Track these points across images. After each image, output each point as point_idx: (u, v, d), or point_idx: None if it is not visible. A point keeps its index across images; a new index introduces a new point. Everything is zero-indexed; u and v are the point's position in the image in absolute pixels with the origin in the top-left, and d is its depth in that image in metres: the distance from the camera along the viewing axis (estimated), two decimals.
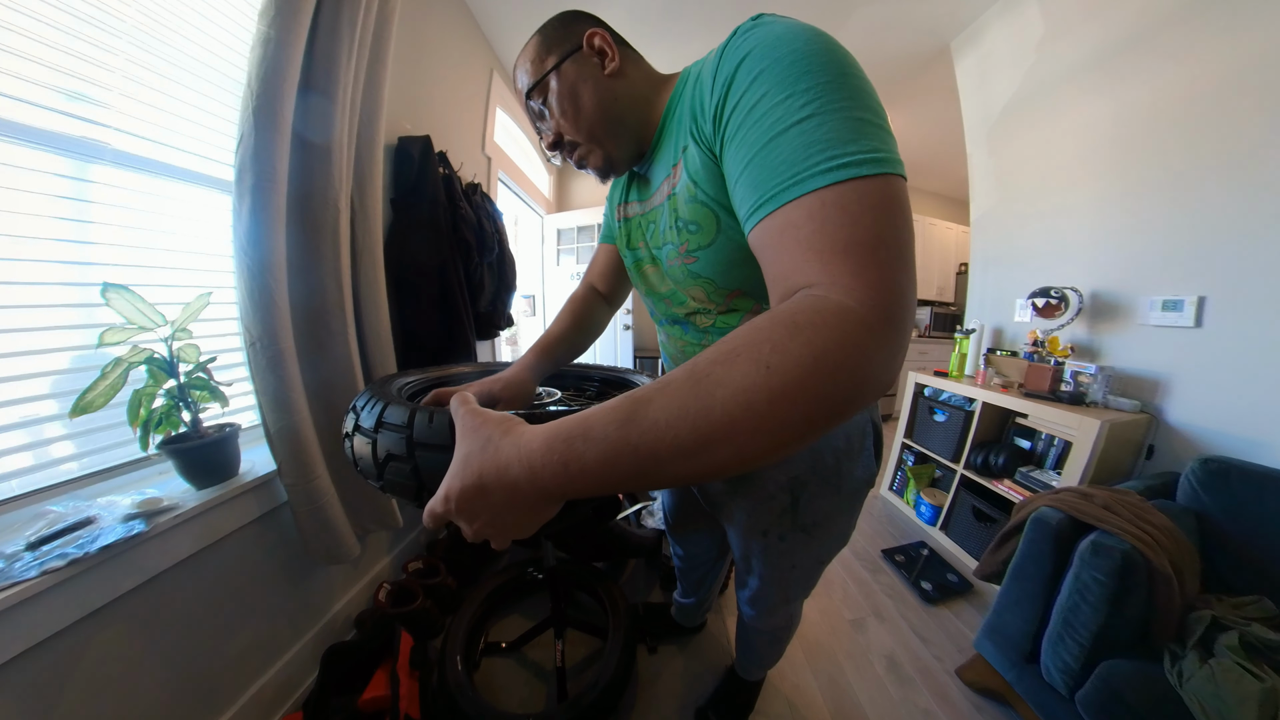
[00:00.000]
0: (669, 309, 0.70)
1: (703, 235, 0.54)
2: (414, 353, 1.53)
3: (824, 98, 0.34)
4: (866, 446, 0.69)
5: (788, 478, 0.69)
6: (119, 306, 0.78)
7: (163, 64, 0.92)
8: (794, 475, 0.68)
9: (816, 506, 0.70)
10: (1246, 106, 1.26)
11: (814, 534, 0.73)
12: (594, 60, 0.59)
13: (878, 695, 1.21)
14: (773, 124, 0.36)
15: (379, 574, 1.50)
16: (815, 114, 0.34)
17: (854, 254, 0.31)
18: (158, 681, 0.83)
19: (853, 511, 0.75)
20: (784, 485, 0.69)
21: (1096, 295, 1.66)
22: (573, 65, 0.59)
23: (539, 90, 0.61)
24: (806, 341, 0.28)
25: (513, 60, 2.95)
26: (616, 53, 0.59)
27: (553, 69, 0.59)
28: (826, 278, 0.31)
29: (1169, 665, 0.88)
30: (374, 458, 0.62)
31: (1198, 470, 1.14)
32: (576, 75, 0.58)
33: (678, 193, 0.55)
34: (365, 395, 0.71)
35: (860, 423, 0.68)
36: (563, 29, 0.61)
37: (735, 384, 0.29)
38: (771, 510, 0.72)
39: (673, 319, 0.70)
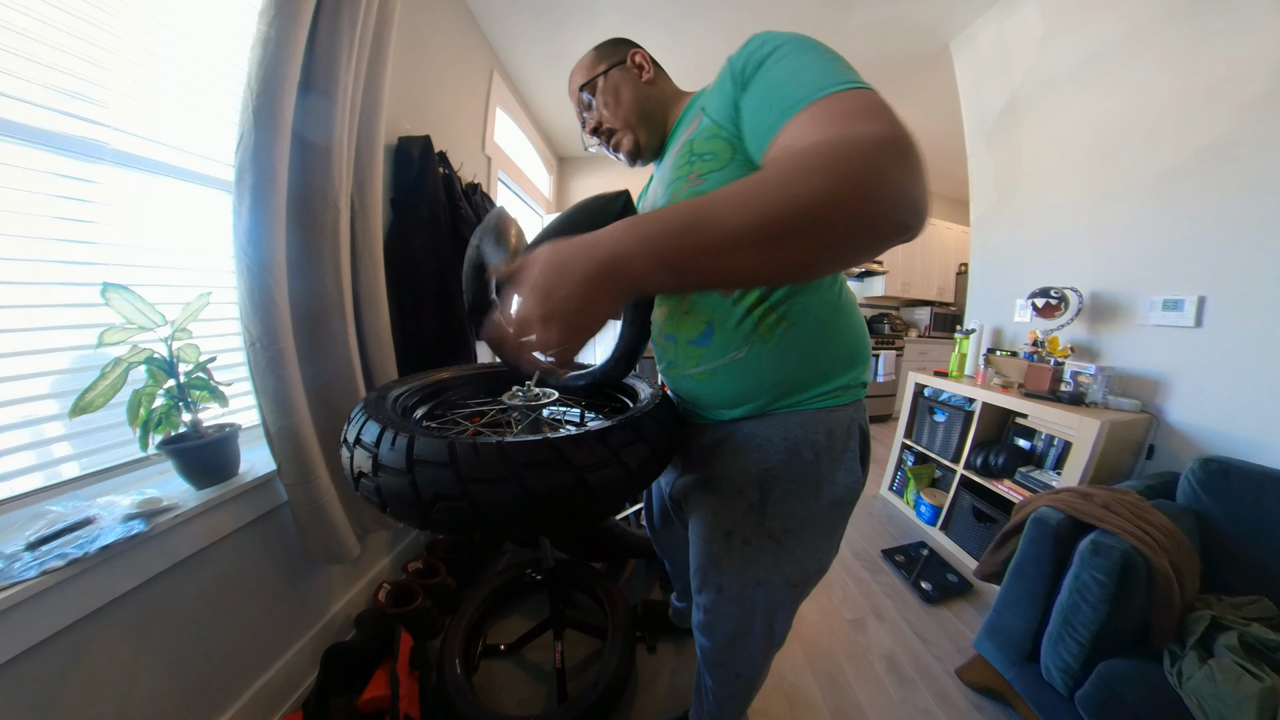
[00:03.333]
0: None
1: (716, 161, 0.58)
2: (413, 353, 1.53)
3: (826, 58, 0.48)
4: (851, 448, 0.66)
5: (759, 470, 0.66)
6: (119, 306, 0.78)
7: (163, 64, 0.92)
8: (766, 468, 0.65)
9: (788, 508, 0.66)
10: (1246, 106, 1.26)
11: (784, 543, 0.67)
12: (634, 70, 0.78)
13: (878, 695, 1.21)
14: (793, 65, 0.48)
15: (379, 574, 1.50)
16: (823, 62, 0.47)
17: (863, 113, 0.40)
18: (157, 681, 0.83)
19: (832, 530, 0.69)
20: (753, 478, 0.66)
21: (1096, 295, 1.66)
22: (618, 71, 0.77)
23: (590, 86, 0.78)
24: (837, 159, 0.35)
25: (513, 60, 2.92)
26: (651, 68, 0.78)
27: (602, 73, 0.77)
28: (845, 128, 0.39)
29: (1169, 665, 0.88)
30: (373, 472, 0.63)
31: (1198, 470, 1.14)
32: (620, 79, 0.77)
33: (695, 136, 0.62)
34: (361, 414, 0.71)
35: (844, 421, 0.65)
36: (613, 47, 0.79)
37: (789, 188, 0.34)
38: (737, 506, 0.68)
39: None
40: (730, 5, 2.11)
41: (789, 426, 0.65)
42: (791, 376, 0.64)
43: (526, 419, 1.03)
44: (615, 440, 0.67)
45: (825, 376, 0.65)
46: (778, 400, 0.66)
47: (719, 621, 0.75)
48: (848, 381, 0.66)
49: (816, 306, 0.63)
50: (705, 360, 0.68)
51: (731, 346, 0.65)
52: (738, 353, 0.65)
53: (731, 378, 0.67)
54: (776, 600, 0.70)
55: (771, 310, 0.62)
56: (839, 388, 0.65)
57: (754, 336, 0.63)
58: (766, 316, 0.62)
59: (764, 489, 0.66)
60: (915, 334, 4.45)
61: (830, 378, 0.65)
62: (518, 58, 2.59)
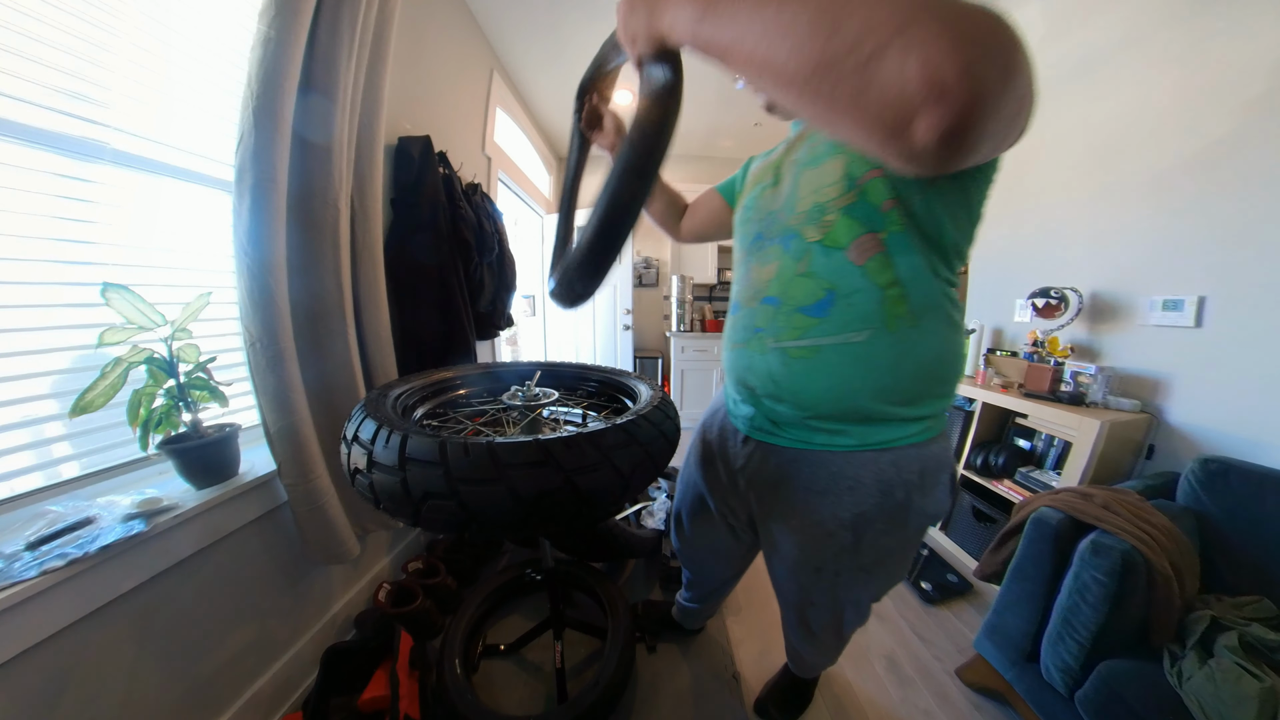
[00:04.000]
0: (780, 222, 0.64)
1: None
2: (413, 352, 1.53)
3: None
4: (942, 481, 0.64)
5: (852, 515, 0.63)
6: (119, 306, 0.78)
7: (163, 64, 0.92)
8: (860, 512, 0.63)
9: (880, 545, 0.65)
10: (1247, 106, 1.26)
11: (874, 573, 0.69)
12: None
13: (878, 695, 1.21)
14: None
15: (379, 574, 1.50)
16: None
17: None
18: (157, 681, 0.83)
19: (914, 547, 0.71)
20: (847, 523, 0.64)
21: (1096, 295, 1.66)
22: None
23: None
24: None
25: (513, 60, 2.90)
26: None
27: None
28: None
29: (1169, 665, 0.88)
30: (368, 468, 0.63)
31: (1198, 470, 1.14)
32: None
33: None
34: (360, 414, 0.71)
35: (936, 456, 0.63)
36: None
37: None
38: (829, 548, 0.67)
39: (783, 234, 0.63)
40: None
41: (881, 466, 0.61)
42: (899, 388, 0.58)
43: (525, 419, 1.03)
44: (607, 443, 0.67)
45: (926, 396, 0.60)
46: (871, 422, 0.60)
47: (813, 624, 0.83)
48: (943, 409, 0.63)
49: (938, 322, 0.57)
50: (814, 334, 0.59)
51: (852, 325, 0.57)
52: (856, 335, 0.57)
53: (839, 363, 0.58)
54: (863, 608, 0.79)
55: (903, 300, 0.55)
56: (933, 415, 0.62)
57: (879, 321, 0.56)
58: (898, 306, 0.55)
59: (858, 532, 0.64)
60: None
61: (930, 400, 0.60)
62: (518, 57, 2.59)
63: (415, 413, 1.00)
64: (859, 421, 0.61)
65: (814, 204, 0.59)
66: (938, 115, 0.28)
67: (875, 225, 0.55)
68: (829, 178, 0.58)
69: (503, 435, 0.87)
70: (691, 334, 3.60)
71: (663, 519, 1.80)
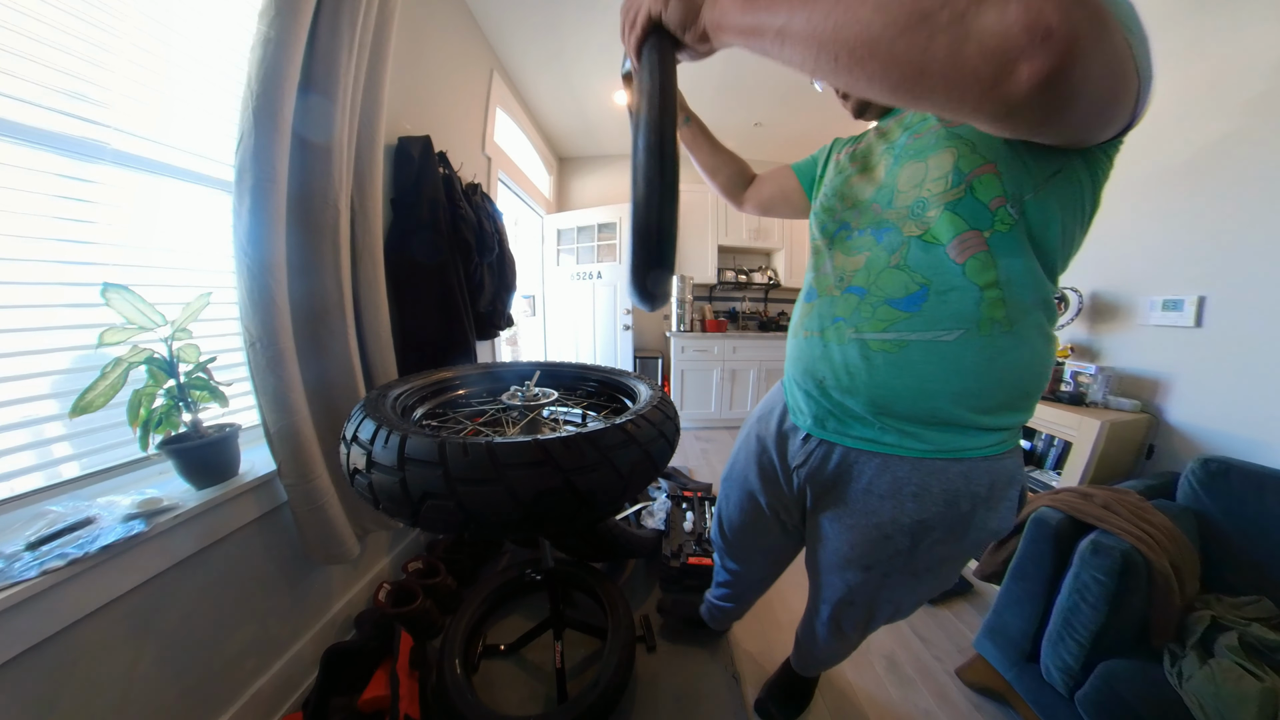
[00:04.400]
0: (873, 215, 0.61)
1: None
2: (413, 353, 1.53)
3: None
4: (1010, 497, 0.61)
5: (913, 521, 0.61)
6: (119, 306, 0.78)
7: (163, 64, 0.92)
8: (921, 519, 0.61)
9: (935, 553, 0.64)
10: (1247, 106, 1.26)
11: (923, 579, 0.68)
12: None
13: (878, 695, 1.21)
14: None
15: (379, 574, 1.50)
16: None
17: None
18: (157, 681, 0.83)
19: (968, 558, 0.70)
20: (906, 529, 0.62)
21: (1096, 295, 1.66)
22: None
23: None
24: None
25: (513, 60, 2.90)
26: None
27: None
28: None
29: (1169, 665, 0.88)
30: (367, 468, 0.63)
31: (1198, 470, 1.14)
32: None
33: None
34: (360, 413, 0.70)
35: (1007, 471, 0.60)
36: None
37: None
38: (883, 550, 0.66)
39: (879, 225, 0.59)
40: None
41: (951, 477, 0.58)
42: (983, 394, 0.55)
43: (524, 419, 1.03)
44: (606, 443, 0.67)
45: (1008, 407, 0.57)
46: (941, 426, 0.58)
47: (845, 618, 0.80)
48: (1017, 422, 0.60)
49: (1034, 332, 0.55)
50: (901, 327, 0.56)
51: (943, 323, 0.54)
52: (947, 333, 0.54)
53: (925, 360, 0.55)
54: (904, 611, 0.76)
55: (1001, 304, 0.52)
56: (1011, 428, 0.59)
57: (972, 322, 0.53)
58: (995, 309, 0.52)
59: (916, 538, 0.62)
60: None
61: (1011, 411, 0.58)
62: (518, 58, 2.59)
63: (415, 413, 1.01)
64: (935, 425, 0.58)
65: (916, 198, 0.55)
66: (1040, 59, 0.28)
67: (981, 223, 0.51)
68: (936, 171, 0.54)
69: (502, 435, 0.87)
70: (691, 334, 3.61)
71: (663, 519, 1.80)
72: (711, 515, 1.86)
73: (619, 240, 3.63)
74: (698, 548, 1.62)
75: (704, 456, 3.02)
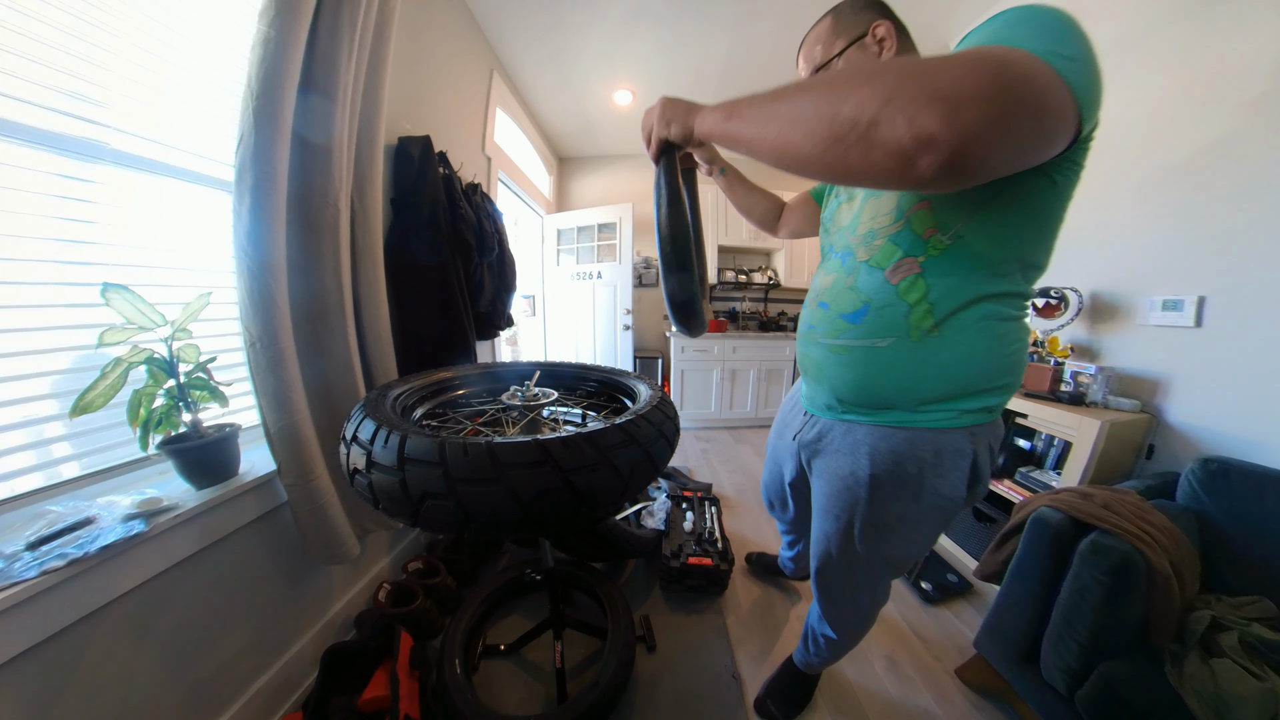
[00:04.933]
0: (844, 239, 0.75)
1: None
2: (413, 353, 1.53)
3: (1017, 23, 0.46)
4: (960, 467, 0.68)
5: (867, 474, 0.73)
6: (119, 306, 0.78)
7: (163, 64, 0.92)
8: (873, 474, 0.72)
9: (891, 509, 0.74)
10: (1247, 106, 1.26)
11: (885, 535, 0.77)
12: (874, 48, 0.70)
13: (878, 694, 1.21)
14: (998, 22, 0.47)
15: (379, 574, 1.50)
16: (1010, 26, 0.46)
17: (956, 66, 0.39)
18: (157, 681, 0.83)
19: (931, 525, 0.76)
20: (863, 481, 0.74)
21: (1096, 295, 1.66)
22: (857, 51, 0.71)
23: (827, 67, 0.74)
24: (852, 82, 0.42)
25: (513, 60, 2.92)
26: (896, 43, 0.70)
27: (839, 53, 0.72)
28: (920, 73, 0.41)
29: (1169, 665, 0.88)
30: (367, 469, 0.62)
31: (1198, 470, 1.14)
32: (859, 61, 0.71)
33: None
34: (360, 413, 0.70)
35: (956, 442, 0.67)
36: (854, 15, 0.72)
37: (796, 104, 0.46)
38: (848, 499, 0.77)
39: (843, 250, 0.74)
40: (731, 5, 2.11)
41: (898, 441, 0.70)
42: (919, 387, 0.66)
43: (524, 419, 1.03)
44: (606, 443, 0.67)
45: (949, 397, 0.66)
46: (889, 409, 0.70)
47: (831, 581, 0.90)
48: (972, 406, 0.66)
49: (973, 333, 0.63)
50: (847, 336, 0.71)
51: (878, 333, 0.67)
52: (882, 340, 0.67)
53: (865, 362, 0.69)
54: (876, 570, 0.84)
55: (930, 315, 0.63)
56: (958, 410, 0.66)
57: (903, 332, 0.65)
58: (924, 320, 0.63)
59: (871, 490, 0.73)
60: None
61: (952, 400, 0.66)
62: (517, 57, 2.59)
63: (415, 413, 1.01)
64: (877, 407, 0.71)
65: (869, 229, 0.69)
66: (933, 155, 0.36)
67: (915, 250, 0.63)
68: (885, 207, 0.67)
69: (502, 435, 0.87)
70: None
71: (663, 519, 1.80)
72: (711, 516, 1.86)
73: (619, 240, 3.63)
74: (698, 548, 1.62)
75: (704, 456, 3.02)
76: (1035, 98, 0.39)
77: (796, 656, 1.16)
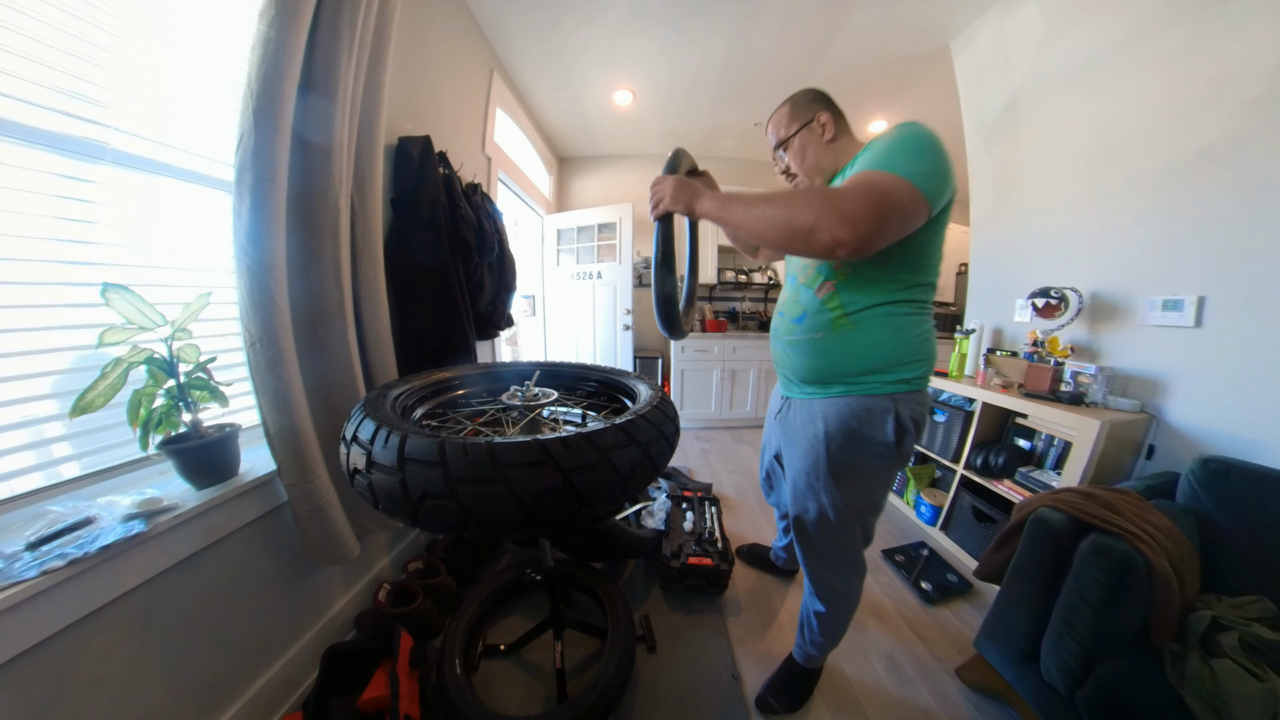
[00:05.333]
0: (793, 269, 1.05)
1: None
2: (414, 353, 1.53)
3: (897, 149, 0.77)
4: (887, 422, 0.89)
5: (823, 434, 0.95)
6: (119, 306, 0.78)
7: (163, 64, 0.92)
8: (827, 432, 0.94)
9: (841, 458, 0.94)
10: (1247, 106, 1.26)
11: (841, 479, 0.96)
12: (818, 130, 0.98)
13: (878, 695, 1.21)
14: (880, 147, 0.80)
15: (379, 574, 1.50)
16: (890, 152, 0.77)
17: (850, 193, 0.73)
18: (157, 681, 0.83)
19: (876, 472, 0.96)
20: (820, 439, 0.95)
21: (1096, 295, 1.66)
22: (806, 133, 0.99)
23: (783, 145, 1.02)
24: (797, 205, 0.76)
25: (513, 60, 2.93)
26: (834, 128, 0.97)
27: (794, 133, 0.99)
28: (832, 195, 0.75)
29: (1169, 665, 0.88)
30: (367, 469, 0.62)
31: (1198, 470, 1.14)
32: (806, 141, 0.99)
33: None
34: (360, 413, 0.70)
35: (881, 405, 0.90)
36: (805, 105, 1.00)
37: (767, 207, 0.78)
38: (810, 457, 0.98)
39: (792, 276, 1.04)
40: (730, 5, 2.11)
41: (840, 406, 0.93)
42: (847, 364, 0.92)
43: (524, 419, 1.03)
44: (606, 443, 0.67)
45: (871, 371, 0.90)
46: (833, 384, 0.95)
47: (807, 532, 1.04)
48: (888, 379, 0.90)
49: (878, 324, 0.89)
50: (796, 334, 0.98)
51: (815, 329, 0.94)
52: (816, 334, 0.94)
53: (808, 350, 0.96)
54: (841, 515, 0.98)
55: (845, 315, 0.90)
56: (880, 381, 0.90)
57: (829, 328, 0.92)
58: (841, 319, 0.91)
59: (827, 445, 0.95)
60: None
61: (874, 374, 0.90)
62: (517, 58, 2.59)
63: (415, 413, 1.01)
64: (824, 384, 0.96)
65: (805, 264, 0.99)
66: (843, 249, 0.71)
67: (831, 276, 0.92)
68: (809, 266, 0.99)
69: (502, 435, 0.87)
70: (692, 334, 3.61)
71: (663, 519, 1.80)
72: (711, 516, 1.86)
73: (619, 240, 3.63)
74: (698, 548, 1.62)
75: (704, 456, 3.02)
76: (901, 208, 0.72)
77: (795, 651, 1.20)
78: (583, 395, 1.26)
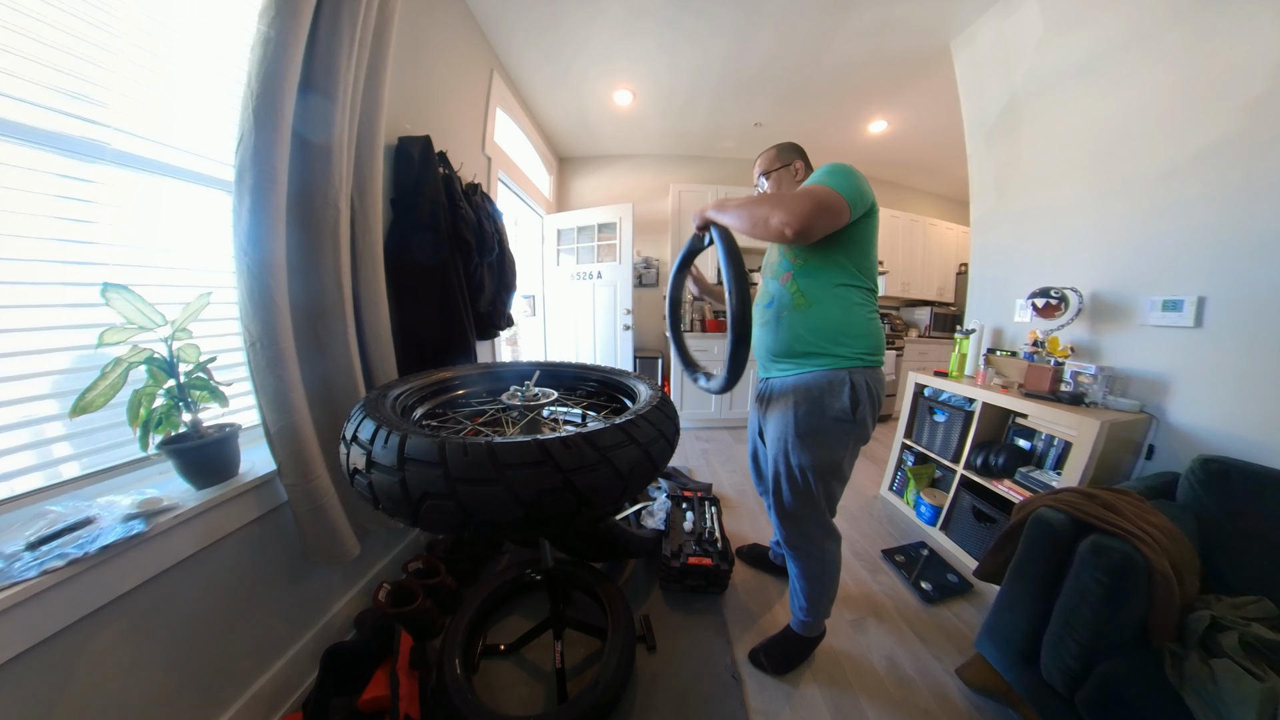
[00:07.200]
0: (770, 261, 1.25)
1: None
2: (414, 353, 1.53)
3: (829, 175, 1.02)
4: (844, 391, 1.07)
5: (793, 406, 1.12)
6: (119, 306, 0.78)
7: (163, 64, 0.92)
8: (795, 403, 1.12)
9: (809, 423, 1.10)
10: (1247, 106, 1.26)
11: (807, 442, 1.11)
12: (792, 171, 1.25)
13: (878, 695, 1.21)
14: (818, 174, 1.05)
15: (379, 574, 1.50)
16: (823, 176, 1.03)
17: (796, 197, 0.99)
18: (157, 681, 0.83)
19: (837, 435, 1.10)
20: (790, 409, 1.13)
21: (1096, 295, 1.66)
22: (784, 171, 1.26)
23: (766, 175, 1.29)
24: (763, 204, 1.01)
25: (513, 60, 2.94)
26: (803, 174, 1.24)
27: (776, 170, 1.27)
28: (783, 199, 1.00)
29: (1169, 665, 0.88)
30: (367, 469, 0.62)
31: (1198, 470, 1.14)
32: (782, 176, 1.26)
33: None
34: (360, 413, 0.70)
35: (838, 377, 1.08)
36: (788, 153, 1.27)
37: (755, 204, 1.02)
38: (782, 425, 1.15)
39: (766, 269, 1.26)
40: (730, 5, 2.11)
41: (805, 380, 1.11)
42: (807, 339, 1.11)
43: (524, 419, 1.03)
44: (606, 443, 0.67)
45: (827, 340, 1.09)
46: (800, 359, 1.12)
47: (781, 491, 1.19)
48: (842, 353, 1.09)
49: (829, 303, 1.10)
50: (766, 315, 1.19)
51: (782, 310, 1.15)
52: (781, 313, 1.15)
53: (774, 327, 1.16)
54: (807, 475, 1.14)
55: (802, 296, 1.11)
56: (836, 355, 1.09)
57: (791, 307, 1.13)
58: (800, 300, 1.11)
59: (795, 414, 1.12)
60: (915, 334, 4.45)
61: (830, 348, 1.09)
62: (517, 57, 2.59)
63: (414, 413, 1.01)
64: (791, 358, 1.14)
65: (773, 260, 1.22)
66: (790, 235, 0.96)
67: (789, 269, 1.14)
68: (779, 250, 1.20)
69: (502, 435, 0.87)
70: (692, 334, 3.61)
71: (663, 519, 1.80)
72: (711, 516, 1.86)
73: (619, 240, 3.63)
74: (698, 548, 1.62)
75: (704, 456, 3.02)
76: (828, 206, 0.96)
77: (791, 621, 1.34)
78: (583, 395, 1.26)
